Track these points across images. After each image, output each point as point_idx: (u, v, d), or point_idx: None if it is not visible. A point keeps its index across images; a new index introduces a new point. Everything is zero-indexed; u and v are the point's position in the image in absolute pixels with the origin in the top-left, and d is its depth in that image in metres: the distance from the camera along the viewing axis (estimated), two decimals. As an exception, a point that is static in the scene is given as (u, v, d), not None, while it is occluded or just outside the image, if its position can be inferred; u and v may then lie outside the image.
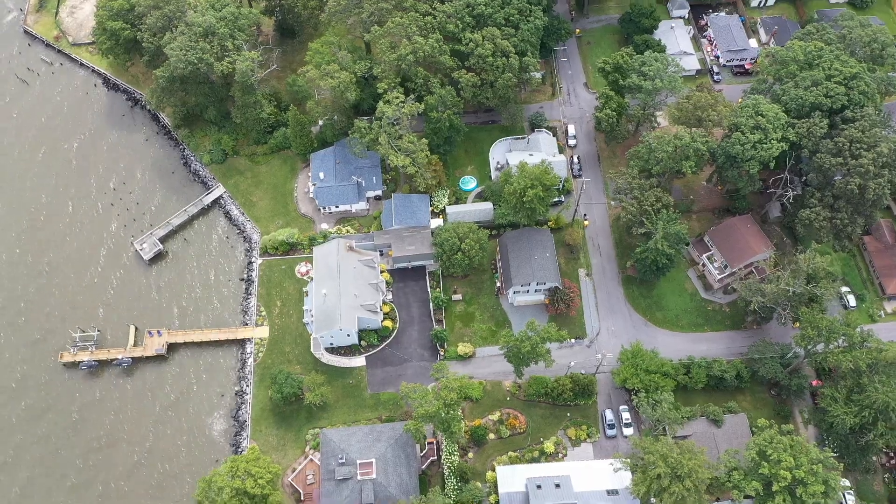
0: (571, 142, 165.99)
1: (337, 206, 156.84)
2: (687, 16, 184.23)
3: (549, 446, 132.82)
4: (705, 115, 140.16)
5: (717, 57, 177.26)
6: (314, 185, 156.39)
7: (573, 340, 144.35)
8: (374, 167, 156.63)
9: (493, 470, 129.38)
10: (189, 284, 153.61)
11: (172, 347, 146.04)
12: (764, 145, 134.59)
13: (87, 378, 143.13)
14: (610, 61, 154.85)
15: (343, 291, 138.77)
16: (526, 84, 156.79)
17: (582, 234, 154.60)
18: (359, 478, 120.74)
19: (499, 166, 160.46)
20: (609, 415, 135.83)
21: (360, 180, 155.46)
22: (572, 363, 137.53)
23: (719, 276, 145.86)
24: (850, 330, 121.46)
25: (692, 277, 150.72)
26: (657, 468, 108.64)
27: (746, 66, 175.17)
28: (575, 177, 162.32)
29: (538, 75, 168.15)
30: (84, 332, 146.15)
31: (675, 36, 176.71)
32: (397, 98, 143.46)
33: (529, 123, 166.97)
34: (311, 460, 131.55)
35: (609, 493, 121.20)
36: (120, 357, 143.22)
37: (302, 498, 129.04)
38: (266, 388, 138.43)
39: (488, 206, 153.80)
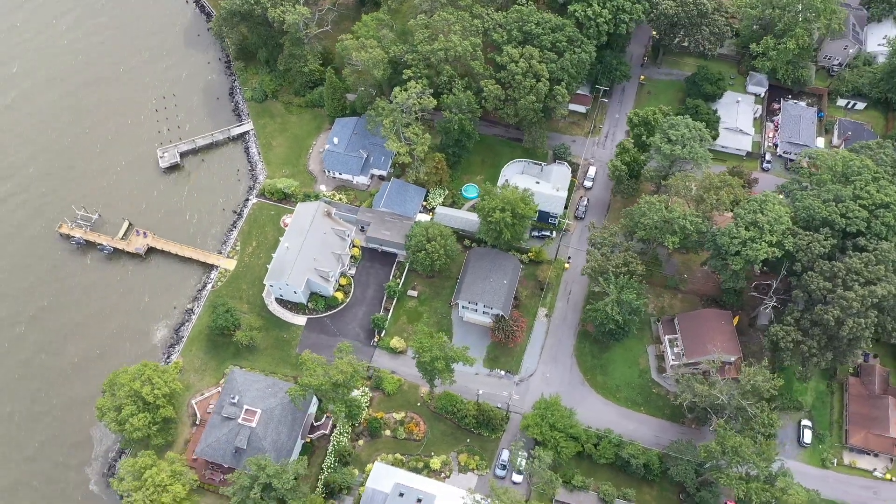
0: (587, 183, 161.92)
1: (340, 174, 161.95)
2: (763, 95, 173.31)
3: (435, 463, 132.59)
4: (707, 195, 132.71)
5: (776, 145, 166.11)
6: (327, 147, 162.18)
7: (503, 372, 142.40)
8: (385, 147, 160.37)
9: (373, 463, 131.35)
10: (188, 201, 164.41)
11: (151, 251, 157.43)
12: (754, 245, 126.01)
13: (73, 252, 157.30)
14: (640, 114, 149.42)
15: (303, 251, 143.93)
16: (552, 112, 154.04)
17: (558, 275, 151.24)
18: (240, 421, 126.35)
19: (505, 180, 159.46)
20: (506, 455, 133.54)
21: (367, 155, 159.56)
22: (480, 391, 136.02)
23: (674, 363, 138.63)
24: (759, 461, 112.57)
25: (650, 354, 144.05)
26: None
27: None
28: (577, 218, 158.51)
29: (575, 108, 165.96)
30: (87, 212, 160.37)
31: (737, 111, 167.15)
32: (415, 88, 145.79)
33: (553, 152, 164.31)
34: (219, 392, 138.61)
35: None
36: (104, 244, 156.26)
37: (197, 422, 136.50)
38: (210, 314, 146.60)
39: (475, 217, 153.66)
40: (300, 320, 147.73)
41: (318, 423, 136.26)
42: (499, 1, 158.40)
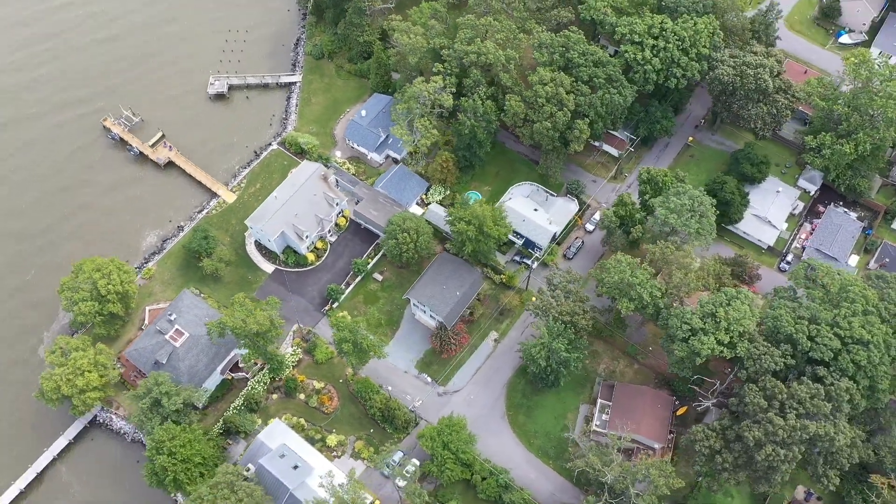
0: (589, 226, 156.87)
1: (357, 146, 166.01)
2: (812, 193, 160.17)
3: (332, 440, 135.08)
4: (667, 269, 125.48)
5: (804, 248, 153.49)
6: (354, 117, 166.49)
7: (430, 379, 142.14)
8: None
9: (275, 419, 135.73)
10: (219, 130, 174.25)
11: (171, 164, 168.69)
12: (703, 337, 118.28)
13: (107, 145, 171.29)
14: (651, 172, 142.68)
15: (288, 205, 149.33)
16: (566, 145, 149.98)
17: (522, 304, 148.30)
18: (167, 337, 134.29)
19: (509, 198, 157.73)
20: (398, 457, 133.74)
21: (387, 136, 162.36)
22: (390, 388, 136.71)
23: (597, 428, 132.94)
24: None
25: (581, 413, 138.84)
26: None
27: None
28: (566, 257, 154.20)
29: (608, 149, 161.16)
30: (132, 114, 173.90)
31: (773, 201, 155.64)
32: (436, 82, 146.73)
33: (566, 185, 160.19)
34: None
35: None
36: (134, 147, 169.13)
37: (142, 326, 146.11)
38: (190, 236, 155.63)
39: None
40: (268, 268, 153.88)
41: (244, 366, 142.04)
42: (554, 22, 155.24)
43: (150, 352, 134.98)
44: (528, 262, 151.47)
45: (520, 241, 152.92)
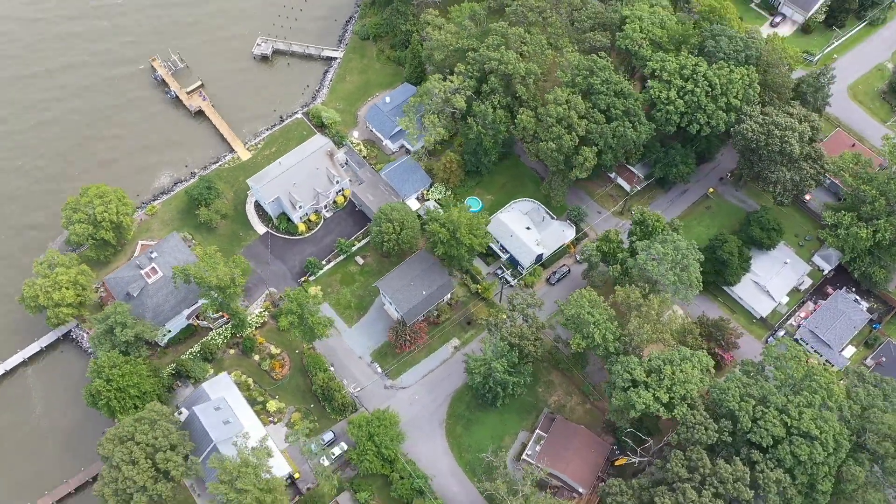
0: (580, 256, 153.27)
1: (374, 130, 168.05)
2: (826, 272, 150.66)
3: (272, 405, 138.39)
4: (630, 314, 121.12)
5: (800, 327, 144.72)
6: (378, 102, 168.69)
7: (380, 370, 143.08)
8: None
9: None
10: (255, 89, 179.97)
11: (200, 113, 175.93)
12: (640, 392, 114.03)
13: (150, 83, 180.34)
14: (644, 213, 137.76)
15: (289, 173, 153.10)
16: (571, 169, 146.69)
17: (488, 318, 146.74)
18: (142, 273, 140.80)
19: (506, 211, 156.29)
20: (328, 437, 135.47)
21: (402, 125, 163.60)
22: (332, 368, 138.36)
23: (527, 458, 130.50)
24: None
25: (519, 438, 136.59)
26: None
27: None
28: (549, 283, 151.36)
29: (621, 183, 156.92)
30: (179, 59, 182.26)
31: (778, 271, 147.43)
32: (452, 83, 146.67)
33: (568, 210, 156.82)
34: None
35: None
36: (172, 89, 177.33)
37: (135, 254, 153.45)
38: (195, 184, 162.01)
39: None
40: (261, 229, 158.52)
41: (216, 317, 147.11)
42: (588, 44, 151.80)
43: (126, 283, 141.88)
44: (505, 276, 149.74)
45: (505, 256, 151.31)
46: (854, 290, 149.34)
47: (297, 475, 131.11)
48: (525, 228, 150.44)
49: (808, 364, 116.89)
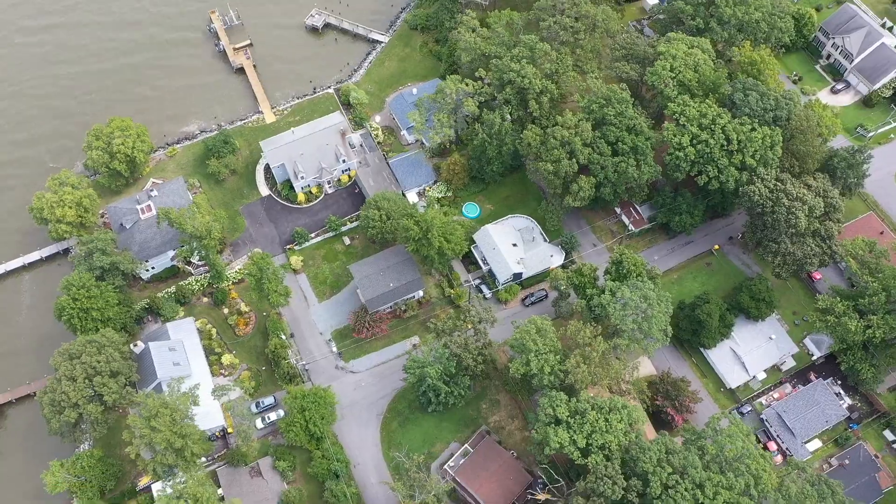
0: (551, 283, 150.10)
1: (395, 118, 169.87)
2: (815, 358, 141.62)
3: (227, 359, 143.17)
4: (577, 350, 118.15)
5: (768, 407, 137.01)
6: (405, 91, 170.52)
7: (336, 350, 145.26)
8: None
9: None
10: (298, 58, 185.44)
11: (241, 71, 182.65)
12: (558, 430, 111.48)
13: (204, 33, 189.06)
14: (623, 253, 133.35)
15: (299, 143, 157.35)
16: (562, 195, 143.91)
17: (439, 322, 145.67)
18: (138, 208, 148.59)
19: (502, 222, 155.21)
20: (269, 400, 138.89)
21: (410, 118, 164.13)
22: (285, 336, 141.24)
23: (448, 469, 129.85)
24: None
25: (450, 448, 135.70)
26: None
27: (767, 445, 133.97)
28: (524, 303, 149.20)
29: (624, 219, 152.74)
30: (235, 16, 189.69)
31: (759, 345, 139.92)
32: (468, 86, 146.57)
33: (562, 236, 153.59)
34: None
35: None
36: (222, 43, 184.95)
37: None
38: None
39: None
40: (264, 191, 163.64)
41: (200, 264, 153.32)
42: (615, 74, 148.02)
43: (122, 214, 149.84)
44: (484, 289, 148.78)
45: (486, 267, 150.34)
46: (840, 383, 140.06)
47: (230, 430, 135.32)
48: (511, 245, 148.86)
49: (747, 446, 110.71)
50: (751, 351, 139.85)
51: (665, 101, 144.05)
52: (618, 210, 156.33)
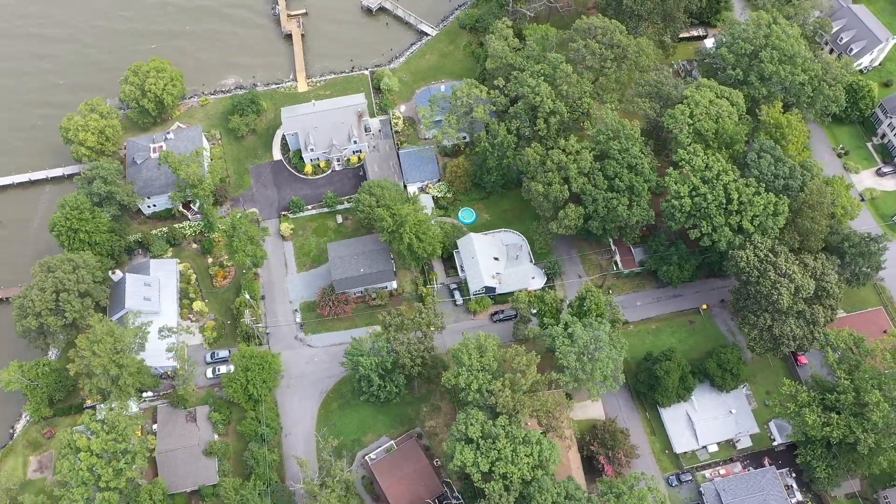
0: (513, 304, 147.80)
1: (418, 110, 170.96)
2: (776, 443, 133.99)
3: (197, 305, 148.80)
4: (508, 375, 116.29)
5: (711, 482, 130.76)
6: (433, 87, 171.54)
7: (300, 321, 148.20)
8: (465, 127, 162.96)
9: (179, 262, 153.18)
10: (345, 36, 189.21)
11: (288, 37, 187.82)
12: (464, 449, 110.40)
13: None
14: (589, 294, 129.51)
15: (315, 116, 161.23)
16: (550, 220, 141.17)
17: (389, 315, 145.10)
18: (152, 146, 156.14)
19: (492, 234, 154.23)
20: (223, 354, 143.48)
21: (443, 118, 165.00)
22: (247, 296, 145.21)
23: (370, 461, 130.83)
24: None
25: (380, 441, 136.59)
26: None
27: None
28: (493, 320, 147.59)
29: (617, 259, 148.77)
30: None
31: (716, 416, 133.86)
32: (483, 92, 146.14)
33: (549, 260, 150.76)
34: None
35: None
36: (277, 7, 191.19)
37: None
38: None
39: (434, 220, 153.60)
40: (277, 155, 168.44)
41: (197, 211, 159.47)
42: (632, 108, 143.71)
43: (137, 150, 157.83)
44: (457, 294, 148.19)
45: (463, 275, 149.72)
46: (795, 476, 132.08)
47: (170, 373, 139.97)
48: (492, 258, 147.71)
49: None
50: (706, 420, 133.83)
51: (677, 147, 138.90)
52: (612, 246, 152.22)
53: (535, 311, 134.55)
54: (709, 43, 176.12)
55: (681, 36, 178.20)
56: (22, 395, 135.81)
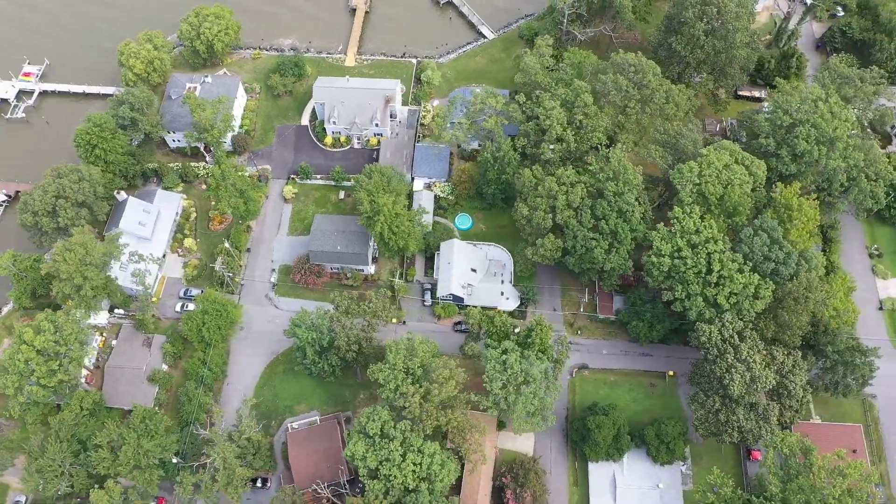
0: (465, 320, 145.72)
1: (445, 104, 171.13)
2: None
3: (188, 242, 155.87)
4: (426, 384, 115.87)
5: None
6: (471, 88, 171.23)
7: (273, 280, 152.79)
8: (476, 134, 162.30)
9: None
10: (412, 21, 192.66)
11: (353, 12, 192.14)
12: (358, 442, 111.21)
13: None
14: (540, 325, 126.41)
15: (345, 91, 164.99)
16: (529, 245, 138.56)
17: (342, 298, 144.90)
18: (187, 84, 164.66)
19: (475, 244, 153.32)
20: (195, 292, 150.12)
21: (471, 122, 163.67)
22: (224, 245, 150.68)
23: (287, 427, 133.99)
24: None
25: (311, 415, 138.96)
26: None
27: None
28: (455, 329, 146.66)
29: (595, 303, 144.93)
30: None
31: (639, 487, 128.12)
32: (497, 103, 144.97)
33: (527, 285, 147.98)
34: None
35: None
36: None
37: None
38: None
39: (429, 220, 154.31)
40: (304, 121, 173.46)
41: (209, 151, 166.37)
42: (644, 153, 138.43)
43: (176, 85, 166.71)
44: (427, 295, 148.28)
45: (436, 277, 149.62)
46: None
47: (154, 299, 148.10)
48: (469, 268, 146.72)
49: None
50: (630, 487, 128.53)
51: (677, 203, 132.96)
52: (590, 288, 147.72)
53: (484, 331, 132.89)
54: (766, 106, 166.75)
55: (741, 93, 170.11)
56: (11, 282, 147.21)
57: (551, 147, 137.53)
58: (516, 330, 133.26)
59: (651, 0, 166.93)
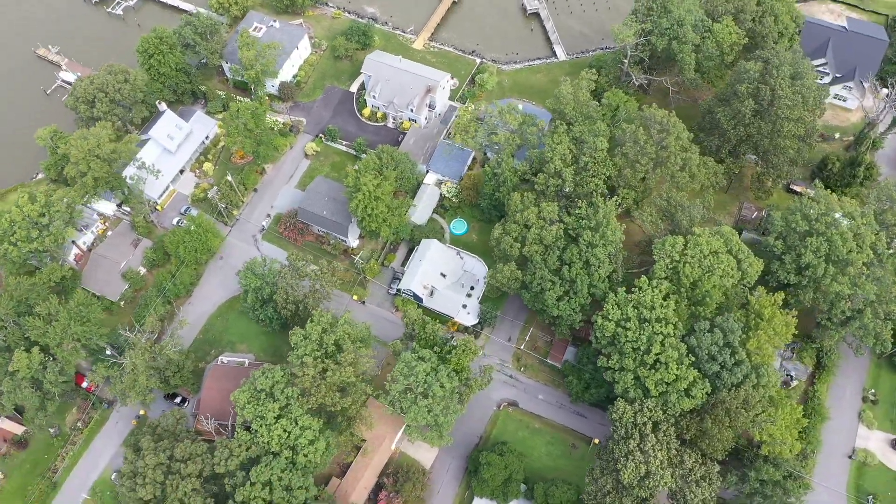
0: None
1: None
2: None
3: (208, 167, 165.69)
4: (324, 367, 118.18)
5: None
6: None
7: (263, 227, 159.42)
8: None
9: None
10: (494, 23, 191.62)
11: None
12: (243, 392, 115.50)
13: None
14: (465, 347, 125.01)
15: (391, 71, 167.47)
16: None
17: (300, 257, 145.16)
18: (256, 25, 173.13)
19: (458, 251, 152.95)
20: (195, 212, 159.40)
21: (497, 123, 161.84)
22: (255, 190, 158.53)
23: (225, 360, 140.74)
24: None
25: (244, 354, 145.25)
26: None
27: None
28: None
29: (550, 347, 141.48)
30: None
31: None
32: (513, 121, 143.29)
33: (487, 306, 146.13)
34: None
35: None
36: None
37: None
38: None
39: (425, 217, 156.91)
40: (353, 88, 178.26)
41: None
42: (642, 219, 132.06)
43: (248, 22, 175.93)
44: (395, 287, 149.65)
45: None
46: None
47: (159, 207, 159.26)
48: (438, 272, 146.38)
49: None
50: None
51: (650, 274, 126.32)
52: (553, 333, 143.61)
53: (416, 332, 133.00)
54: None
55: (793, 187, 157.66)
56: (48, 154, 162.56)
57: (546, 182, 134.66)
58: (451, 343, 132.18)
59: (727, 63, 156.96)
